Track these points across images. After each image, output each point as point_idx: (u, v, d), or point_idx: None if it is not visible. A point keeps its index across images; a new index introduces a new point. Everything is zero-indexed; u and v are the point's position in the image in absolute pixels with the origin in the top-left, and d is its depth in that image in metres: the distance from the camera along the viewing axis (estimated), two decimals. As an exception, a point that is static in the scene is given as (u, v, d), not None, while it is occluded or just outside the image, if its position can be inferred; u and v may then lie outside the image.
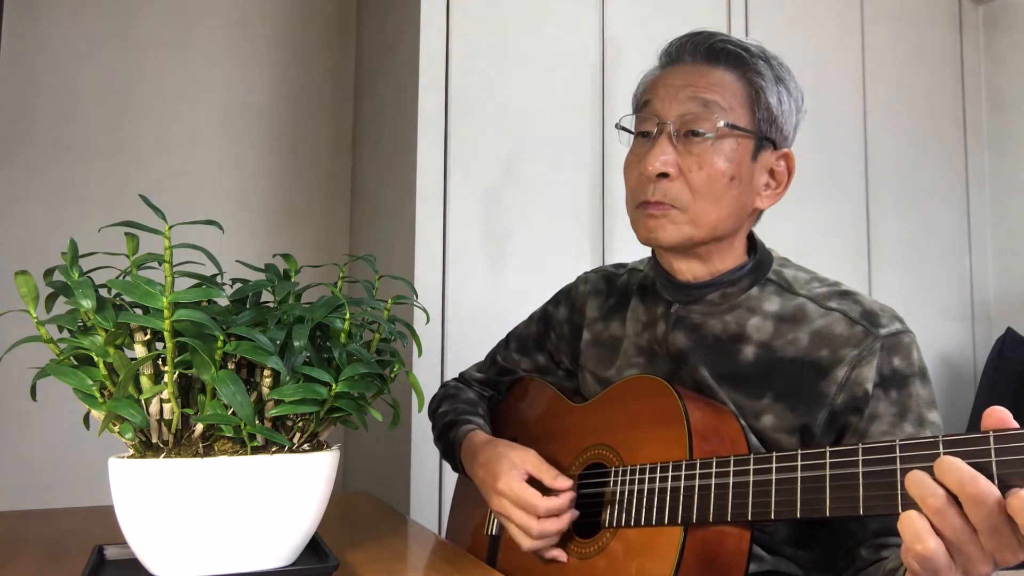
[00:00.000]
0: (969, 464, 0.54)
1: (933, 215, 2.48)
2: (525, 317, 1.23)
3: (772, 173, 0.94)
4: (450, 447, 1.09)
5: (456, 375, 1.28)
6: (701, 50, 0.92)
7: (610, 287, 1.10)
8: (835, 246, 2.25)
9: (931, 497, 0.55)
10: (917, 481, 0.56)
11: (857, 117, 2.34)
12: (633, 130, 0.97)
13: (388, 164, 1.92)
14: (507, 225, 1.78)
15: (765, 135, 0.91)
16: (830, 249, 2.24)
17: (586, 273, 1.15)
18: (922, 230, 2.45)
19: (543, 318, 1.17)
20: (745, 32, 2.13)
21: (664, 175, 0.89)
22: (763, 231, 1.01)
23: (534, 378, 1.17)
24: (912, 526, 0.56)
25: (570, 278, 1.19)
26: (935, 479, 0.56)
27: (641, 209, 0.91)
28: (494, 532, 1.03)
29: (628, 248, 1.91)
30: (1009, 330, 2.38)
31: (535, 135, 1.83)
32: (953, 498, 0.55)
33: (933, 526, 0.55)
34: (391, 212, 1.87)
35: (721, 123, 0.88)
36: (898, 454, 0.62)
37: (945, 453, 0.58)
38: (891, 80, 2.42)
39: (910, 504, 0.57)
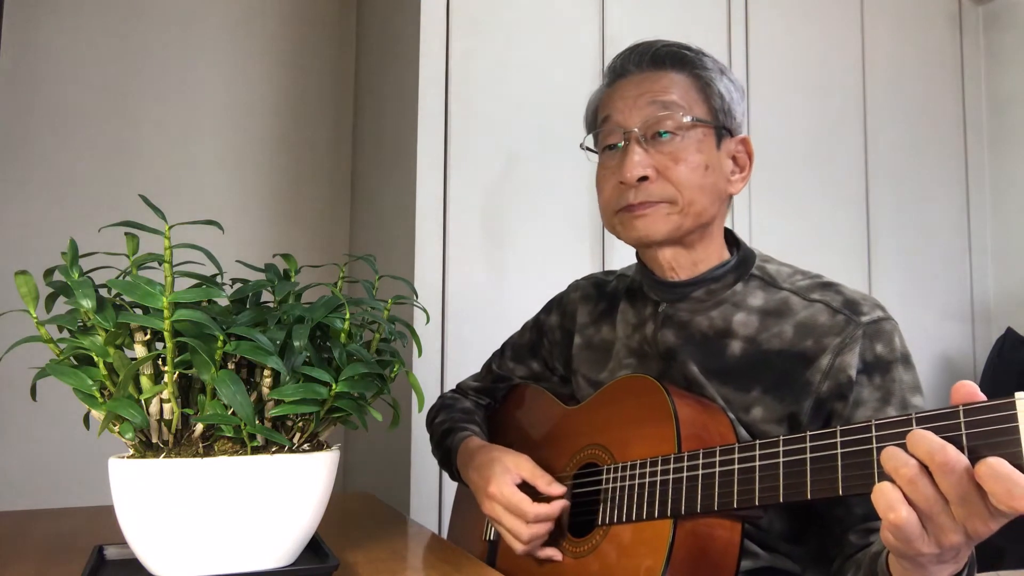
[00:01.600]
0: (941, 437, 0.56)
1: (933, 215, 2.48)
2: (525, 317, 1.23)
3: (735, 159, 0.97)
4: (447, 455, 1.11)
5: (455, 380, 1.29)
6: (646, 59, 0.96)
7: (600, 292, 1.12)
8: (835, 246, 2.25)
9: (903, 468, 0.57)
10: (890, 455, 0.58)
11: (857, 117, 2.34)
12: (596, 148, 1.00)
13: (388, 164, 1.92)
14: (507, 225, 1.78)
15: (723, 124, 0.95)
16: (830, 249, 2.24)
17: (576, 281, 1.18)
18: (922, 230, 2.45)
19: (536, 326, 1.19)
20: (745, 33, 2.13)
21: (644, 178, 0.91)
22: (764, 230, 1.01)
23: (529, 384, 1.18)
24: (885, 496, 0.57)
25: (570, 278, 1.19)
26: (907, 452, 0.57)
27: (625, 212, 0.94)
28: (492, 538, 1.03)
29: (628, 248, 1.90)
30: (1009, 330, 2.38)
31: (535, 135, 1.83)
32: (925, 469, 0.56)
33: (906, 497, 0.57)
34: (391, 212, 1.87)
35: (686, 119, 0.91)
36: (874, 433, 0.64)
37: (917, 428, 0.59)
38: (891, 80, 2.42)
39: (886, 480, 0.59)
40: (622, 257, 1.85)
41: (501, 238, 1.77)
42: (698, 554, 0.77)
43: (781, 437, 0.72)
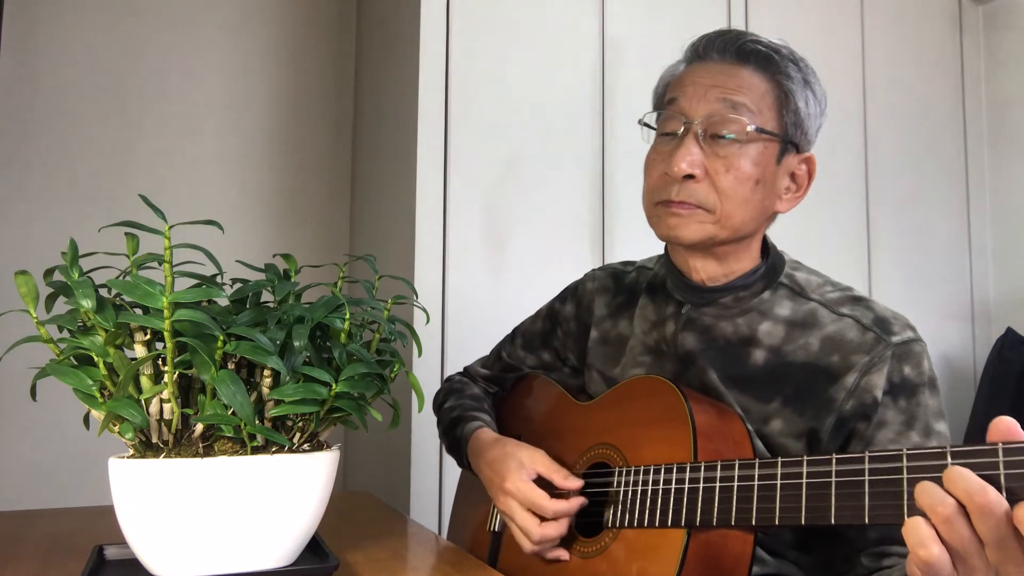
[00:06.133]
0: (978, 475, 0.54)
1: (933, 215, 2.48)
2: (525, 317, 1.23)
3: (793, 176, 0.93)
4: (456, 443, 1.09)
5: (460, 370, 1.27)
6: (731, 49, 0.91)
7: (618, 284, 1.09)
8: (835, 246, 2.25)
9: (940, 506, 0.55)
10: (926, 490, 0.56)
11: (857, 117, 2.34)
12: (656, 127, 0.95)
13: (388, 164, 1.92)
14: (507, 225, 1.78)
15: (791, 139, 0.90)
16: (830, 249, 2.23)
17: (593, 270, 1.14)
18: (922, 230, 2.45)
19: (549, 315, 1.16)
20: (745, 32, 2.13)
21: (690, 176, 0.87)
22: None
23: (539, 375, 1.16)
24: (917, 532, 0.55)
25: (570, 278, 1.18)
26: (943, 488, 0.55)
27: (663, 206, 0.90)
28: (496, 528, 1.02)
29: (628, 248, 1.91)
30: (1009, 330, 2.38)
31: (535, 135, 1.83)
32: (962, 509, 0.54)
33: (939, 535, 0.55)
34: (391, 212, 1.87)
35: (751, 127, 0.87)
36: (905, 463, 0.61)
37: (953, 463, 0.57)
38: (891, 80, 2.42)
39: (917, 514, 0.57)
40: (622, 258, 1.85)
41: (501, 238, 1.77)
42: (710, 564, 0.76)
43: (805, 458, 0.70)
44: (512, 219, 1.79)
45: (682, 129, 0.89)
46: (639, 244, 0.97)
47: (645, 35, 1.96)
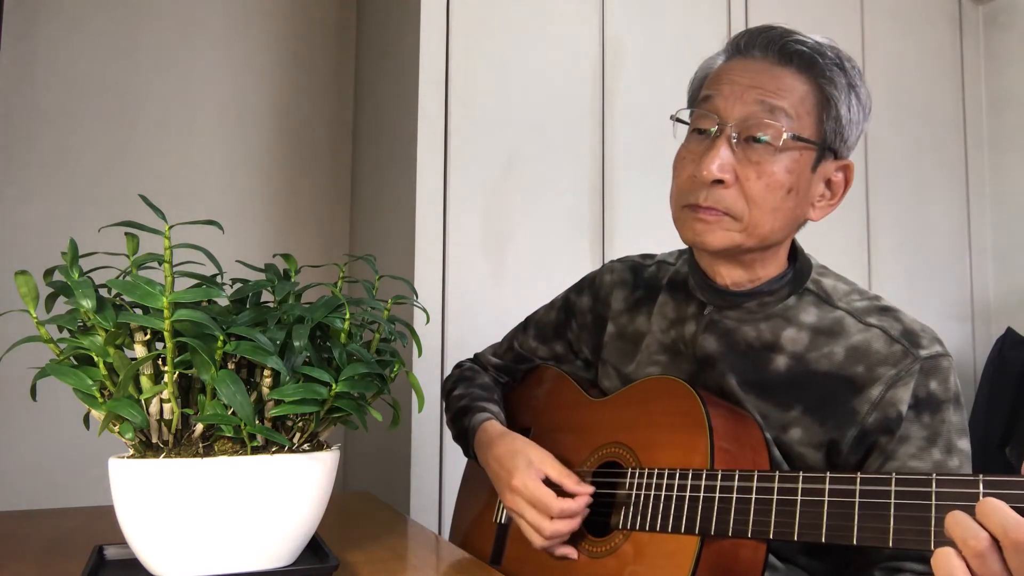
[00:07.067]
0: (1011, 508, 0.53)
1: (933, 215, 2.48)
2: (525, 316, 1.22)
3: (829, 183, 0.90)
4: (463, 433, 1.08)
5: (471, 356, 1.26)
6: (774, 48, 0.88)
7: (636, 278, 1.06)
8: (835, 246, 2.25)
9: (973, 540, 0.53)
10: (959, 522, 0.55)
11: (857, 117, 2.34)
12: (689, 122, 0.91)
13: (388, 164, 1.92)
14: (507, 225, 1.78)
15: (829, 145, 0.87)
16: (830, 249, 2.23)
17: (612, 262, 1.11)
18: (922, 230, 2.45)
19: (564, 306, 1.14)
20: (745, 32, 2.13)
21: (719, 181, 0.84)
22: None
23: (551, 367, 1.14)
24: (948, 564, 0.55)
25: (570, 278, 1.18)
26: (976, 520, 0.54)
27: (690, 211, 0.87)
28: (502, 521, 1.02)
29: (628, 249, 1.90)
30: (1009, 330, 2.38)
31: (535, 135, 1.83)
32: (995, 543, 0.54)
33: (969, 567, 0.54)
34: (391, 212, 1.87)
35: (787, 135, 0.83)
36: (934, 488, 0.60)
37: (986, 493, 0.56)
38: (891, 80, 2.42)
39: (944, 542, 0.56)
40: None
41: (501, 238, 1.77)
42: (722, 572, 0.75)
43: (828, 474, 0.68)
44: (512, 219, 1.79)
45: (715, 129, 0.85)
46: (639, 244, 0.96)
47: (645, 35, 1.95)
